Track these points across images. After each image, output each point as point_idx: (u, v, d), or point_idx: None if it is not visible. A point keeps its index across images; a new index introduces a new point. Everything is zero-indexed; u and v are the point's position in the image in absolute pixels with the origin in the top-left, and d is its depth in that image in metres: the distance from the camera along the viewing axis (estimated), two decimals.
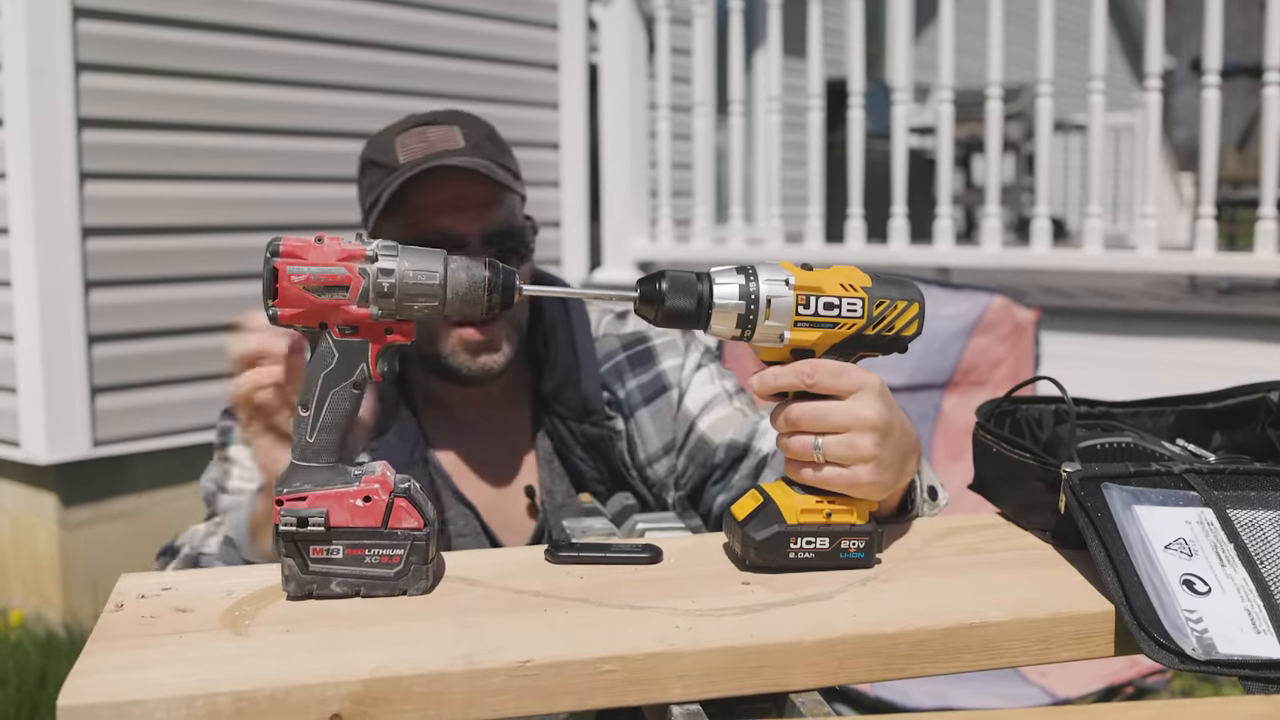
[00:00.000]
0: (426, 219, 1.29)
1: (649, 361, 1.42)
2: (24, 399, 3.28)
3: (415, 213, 1.29)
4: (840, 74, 4.79)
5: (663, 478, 1.40)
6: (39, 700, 2.84)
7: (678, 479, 1.41)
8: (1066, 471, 0.98)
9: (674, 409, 1.40)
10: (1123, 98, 9.01)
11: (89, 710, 0.71)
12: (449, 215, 1.29)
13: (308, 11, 3.84)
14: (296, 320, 0.89)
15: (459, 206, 1.29)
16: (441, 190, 1.28)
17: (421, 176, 1.27)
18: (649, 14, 4.69)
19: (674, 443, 1.40)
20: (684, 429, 1.40)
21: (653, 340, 1.44)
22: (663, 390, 1.41)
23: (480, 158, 1.29)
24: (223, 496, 1.31)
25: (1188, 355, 3.51)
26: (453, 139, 1.30)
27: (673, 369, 1.42)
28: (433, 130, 1.31)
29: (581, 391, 1.38)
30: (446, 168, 1.26)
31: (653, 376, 1.41)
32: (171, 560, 1.20)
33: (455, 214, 1.29)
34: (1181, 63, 10.88)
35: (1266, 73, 3.38)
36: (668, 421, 1.40)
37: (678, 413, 1.40)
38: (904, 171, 4.11)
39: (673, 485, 1.40)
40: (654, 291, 0.92)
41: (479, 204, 1.30)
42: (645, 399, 1.41)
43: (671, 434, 1.40)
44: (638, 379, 1.41)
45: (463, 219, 1.30)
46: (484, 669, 0.76)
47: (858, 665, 0.84)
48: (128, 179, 3.42)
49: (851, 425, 0.93)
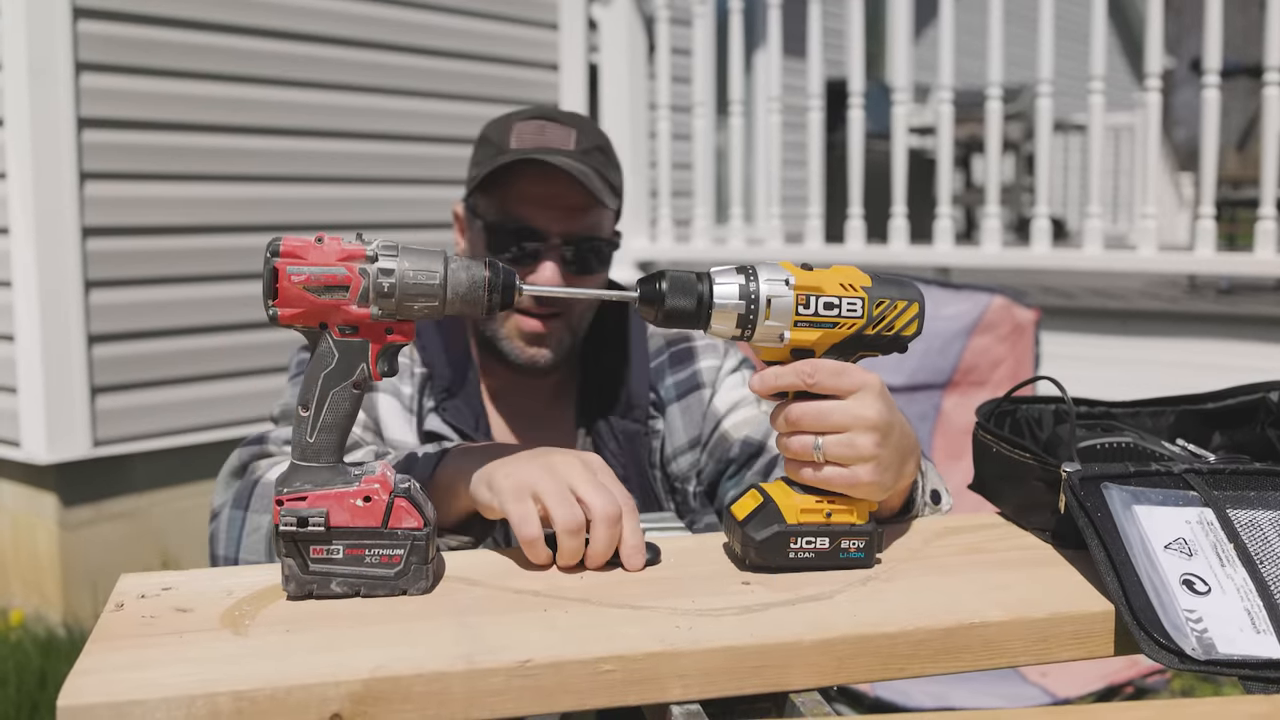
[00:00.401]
0: (515, 206, 1.32)
1: (688, 360, 1.46)
2: (24, 399, 3.28)
3: (507, 197, 1.33)
4: (840, 74, 4.79)
5: (685, 472, 1.42)
6: (39, 700, 2.84)
7: (699, 473, 1.43)
8: (1066, 471, 0.98)
9: (704, 406, 1.43)
10: (1123, 98, 9.01)
11: (89, 710, 0.71)
12: (536, 209, 1.32)
13: (308, 11, 3.84)
14: (296, 320, 0.89)
15: (548, 204, 1.32)
16: (538, 184, 1.31)
17: (522, 165, 1.30)
18: (649, 14, 4.69)
19: (699, 439, 1.43)
20: (710, 427, 1.42)
21: (695, 341, 1.47)
22: (696, 388, 1.44)
23: (586, 165, 1.31)
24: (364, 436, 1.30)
25: (1188, 355, 3.52)
26: (566, 140, 1.33)
27: (709, 369, 1.45)
28: (551, 126, 1.34)
29: (629, 387, 1.41)
30: (547, 164, 1.29)
31: (689, 374, 1.44)
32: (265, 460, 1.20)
33: (542, 209, 1.32)
34: (1181, 63, 10.88)
35: (1266, 73, 3.38)
36: (696, 418, 1.43)
37: (706, 410, 1.43)
38: (904, 171, 4.11)
39: (695, 479, 1.43)
40: (654, 291, 0.92)
41: (568, 206, 1.32)
42: (678, 395, 1.44)
43: (698, 430, 1.43)
44: (675, 376, 1.45)
45: (547, 216, 1.32)
46: (484, 669, 0.76)
47: (858, 665, 0.84)
48: (128, 179, 3.42)
49: (852, 425, 0.93)
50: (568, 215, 1.33)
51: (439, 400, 1.36)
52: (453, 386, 1.37)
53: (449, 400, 1.36)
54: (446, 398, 1.36)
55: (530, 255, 1.32)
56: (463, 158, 1.51)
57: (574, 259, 1.34)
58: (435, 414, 1.35)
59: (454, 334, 1.40)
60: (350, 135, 3.98)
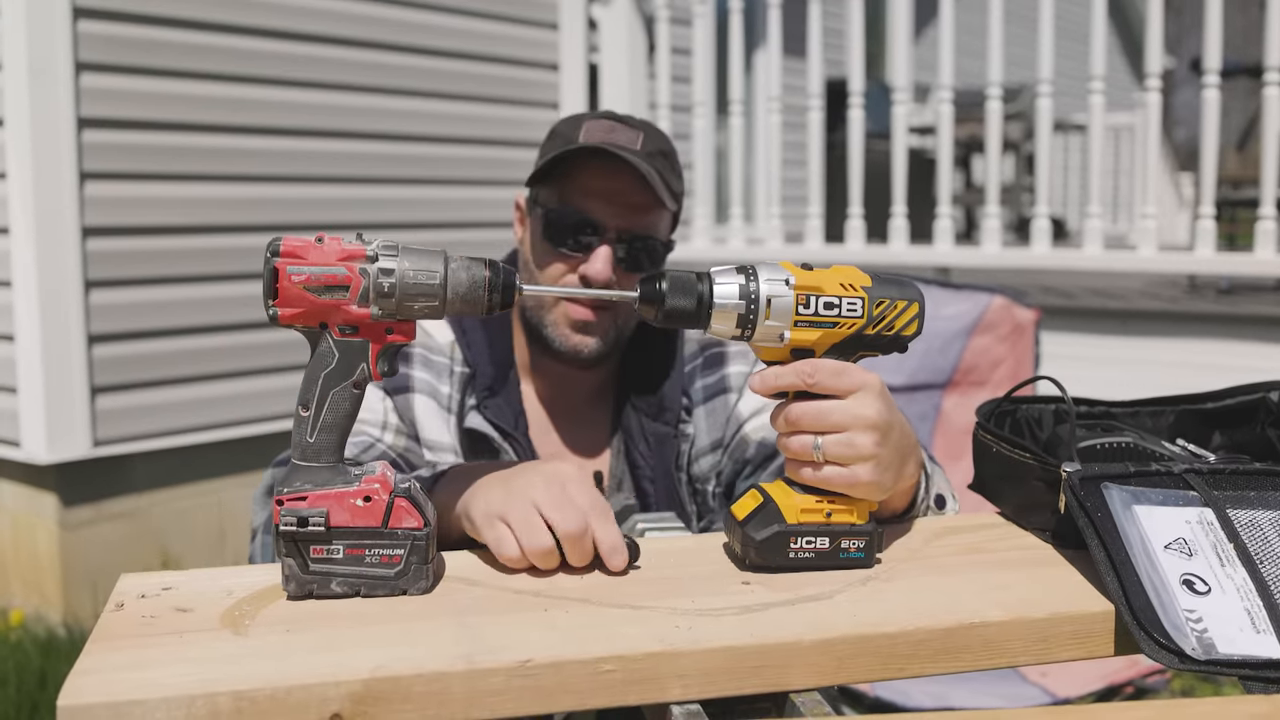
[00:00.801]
0: (575, 197, 1.34)
1: (718, 364, 1.47)
2: (24, 399, 3.28)
3: (568, 188, 1.34)
4: (840, 74, 4.79)
5: (706, 473, 1.43)
6: (39, 700, 2.84)
7: (718, 474, 1.44)
8: (1066, 471, 0.98)
9: (729, 410, 1.44)
10: (1123, 98, 9.01)
11: (89, 710, 0.71)
12: (595, 202, 1.33)
13: (308, 11, 3.84)
14: (297, 320, 0.89)
15: (608, 198, 1.33)
16: (601, 178, 1.33)
17: (587, 158, 1.31)
18: (649, 14, 4.69)
19: (721, 441, 1.44)
20: (733, 430, 1.43)
21: (728, 346, 1.48)
22: (723, 392, 1.45)
23: (650, 165, 1.32)
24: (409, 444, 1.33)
25: (1187, 355, 3.52)
26: (634, 141, 1.34)
27: (737, 374, 1.46)
28: (620, 128, 1.35)
29: (663, 390, 1.42)
30: (612, 159, 1.30)
31: (718, 379, 1.45)
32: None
33: (601, 203, 1.33)
34: (1181, 63, 10.88)
35: (1266, 73, 3.38)
36: (720, 421, 1.44)
37: (731, 414, 1.44)
38: (904, 171, 4.12)
39: (715, 480, 1.44)
40: (654, 291, 0.92)
41: (627, 204, 1.34)
42: (705, 398, 1.45)
43: (721, 433, 1.44)
44: (704, 380, 1.46)
45: (605, 210, 1.33)
46: (484, 669, 0.76)
47: (858, 665, 0.84)
48: (128, 179, 3.42)
49: (851, 424, 0.93)
50: (628, 212, 1.34)
51: (481, 399, 1.37)
52: (495, 385, 1.38)
53: (491, 399, 1.37)
54: (489, 396, 1.37)
55: (585, 247, 1.34)
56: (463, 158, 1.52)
57: (627, 255, 1.35)
58: (476, 412, 1.36)
59: (499, 333, 1.42)
60: (350, 135, 3.98)
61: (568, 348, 1.37)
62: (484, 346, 1.39)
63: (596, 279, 1.32)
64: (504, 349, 1.41)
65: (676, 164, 1.40)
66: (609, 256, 1.33)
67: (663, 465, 1.40)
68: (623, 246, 1.34)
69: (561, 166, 1.33)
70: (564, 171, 1.34)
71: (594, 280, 1.32)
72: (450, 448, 1.34)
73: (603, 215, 1.33)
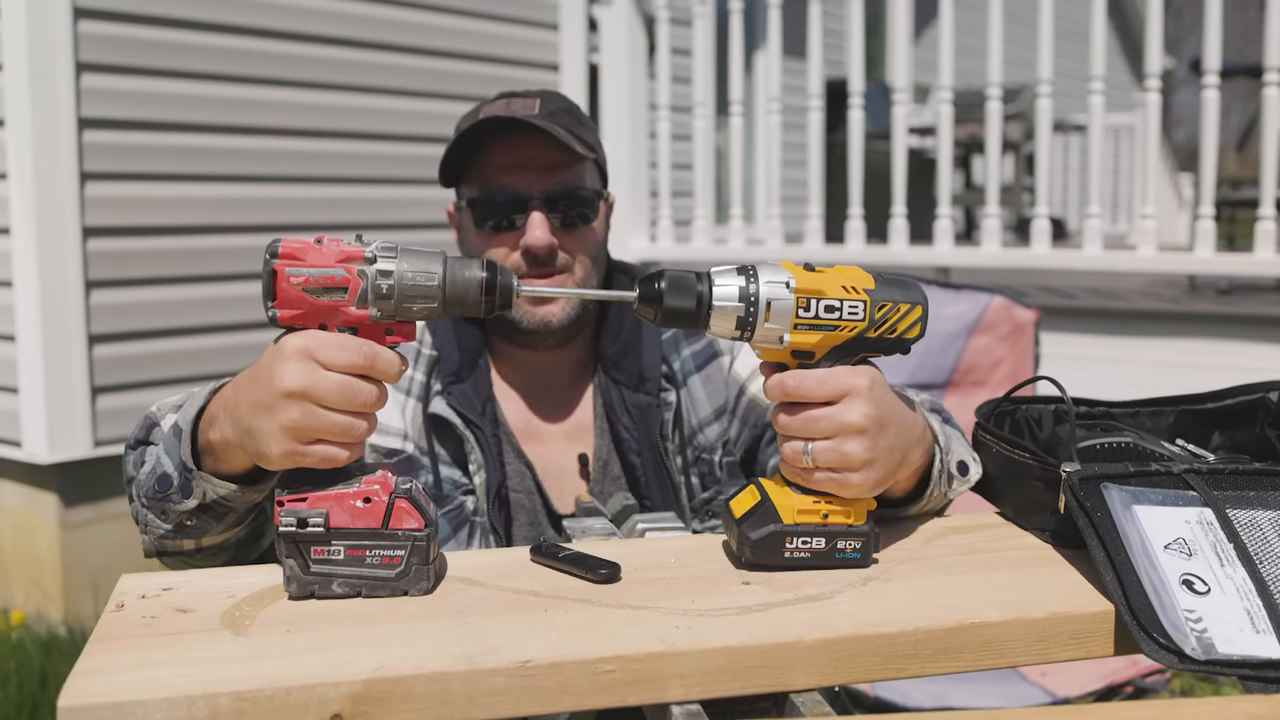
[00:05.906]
0: (494, 177, 1.35)
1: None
2: (25, 399, 3.28)
3: (483, 171, 1.36)
4: (840, 74, 4.79)
5: (713, 442, 1.42)
6: (40, 700, 2.84)
7: (730, 444, 1.43)
8: (1066, 471, 0.98)
9: (724, 373, 1.44)
10: (1123, 98, 9.02)
11: (90, 710, 0.71)
12: (511, 174, 1.35)
13: (308, 11, 3.84)
14: (296, 321, 0.89)
15: (524, 166, 1.35)
16: (509, 151, 1.35)
17: (492, 138, 1.33)
18: (649, 14, 4.69)
19: (725, 406, 1.43)
20: (734, 392, 1.43)
21: None
22: (714, 356, 1.45)
23: (553, 123, 1.33)
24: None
25: (1187, 355, 3.52)
26: (530, 108, 1.35)
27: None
28: (515, 100, 1.37)
29: (641, 360, 1.42)
30: (514, 126, 1.31)
31: (705, 344, 1.45)
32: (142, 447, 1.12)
33: (520, 173, 1.35)
34: (1181, 63, 10.88)
35: (1266, 73, 3.38)
36: (719, 386, 1.43)
37: (728, 377, 1.44)
38: (904, 171, 4.11)
39: (722, 449, 1.43)
40: (653, 291, 0.92)
41: (544, 166, 1.35)
42: (697, 365, 1.44)
43: (723, 398, 1.43)
44: (691, 347, 1.45)
45: (527, 178, 1.35)
46: (484, 669, 0.76)
47: (858, 665, 0.84)
48: (128, 179, 3.42)
49: (838, 431, 0.94)
50: (546, 174, 1.35)
51: (445, 384, 1.37)
52: (461, 371, 1.38)
53: (455, 384, 1.37)
54: (453, 382, 1.37)
55: (516, 221, 1.35)
56: None
57: (560, 214, 1.36)
58: (440, 398, 1.36)
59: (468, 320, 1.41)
60: (350, 135, 3.98)
61: (535, 323, 1.37)
62: (450, 332, 1.40)
63: (538, 246, 1.33)
64: (473, 335, 1.41)
65: (581, 116, 1.41)
66: (543, 221, 1.34)
67: (648, 436, 1.40)
68: (552, 207, 1.35)
69: (471, 154, 1.35)
70: (475, 159, 1.36)
71: (536, 248, 1.33)
72: (399, 432, 1.32)
73: (523, 184, 1.35)
